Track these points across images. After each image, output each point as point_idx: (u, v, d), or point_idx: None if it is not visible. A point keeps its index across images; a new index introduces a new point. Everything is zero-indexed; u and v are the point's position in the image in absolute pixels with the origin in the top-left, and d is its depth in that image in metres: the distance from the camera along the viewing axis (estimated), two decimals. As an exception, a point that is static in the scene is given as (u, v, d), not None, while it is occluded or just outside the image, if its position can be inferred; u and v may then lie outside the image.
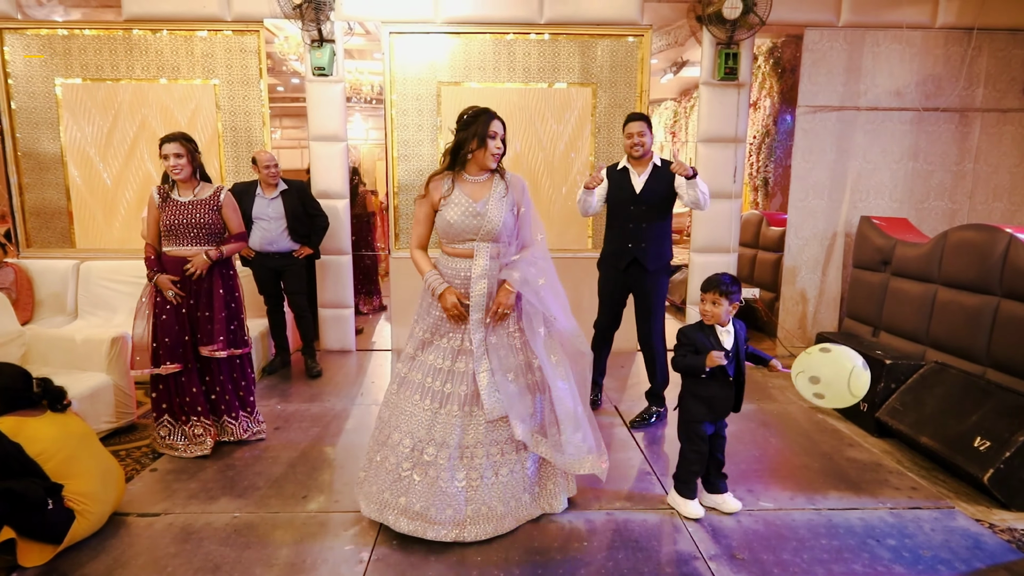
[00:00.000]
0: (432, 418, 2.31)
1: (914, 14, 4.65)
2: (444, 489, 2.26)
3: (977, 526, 2.49)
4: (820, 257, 4.98)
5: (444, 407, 2.32)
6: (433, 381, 2.35)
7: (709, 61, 4.62)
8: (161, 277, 2.94)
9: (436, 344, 2.39)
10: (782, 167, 6.97)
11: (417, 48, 4.59)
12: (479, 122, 2.30)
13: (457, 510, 2.27)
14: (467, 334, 2.35)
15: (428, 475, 2.27)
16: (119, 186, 4.68)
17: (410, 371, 2.41)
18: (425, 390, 2.35)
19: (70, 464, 2.21)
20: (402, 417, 2.35)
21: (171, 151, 2.88)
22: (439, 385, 2.34)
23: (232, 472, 2.88)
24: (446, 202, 2.35)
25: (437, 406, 2.32)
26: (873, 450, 3.23)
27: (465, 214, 2.32)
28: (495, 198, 2.35)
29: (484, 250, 2.34)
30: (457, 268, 2.36)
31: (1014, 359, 3.25)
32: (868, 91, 4.78)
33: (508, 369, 2.36)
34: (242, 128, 4.65)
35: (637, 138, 3.30)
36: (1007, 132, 4.88)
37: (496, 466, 2.36)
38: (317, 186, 4.61)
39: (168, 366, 2.93)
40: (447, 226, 2.35)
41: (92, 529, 2.28)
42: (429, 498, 2.25)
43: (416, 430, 2.30)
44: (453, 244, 2.38)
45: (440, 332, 2.39)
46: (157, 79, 4.56)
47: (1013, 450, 2.64)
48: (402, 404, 2.37)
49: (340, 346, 4.90)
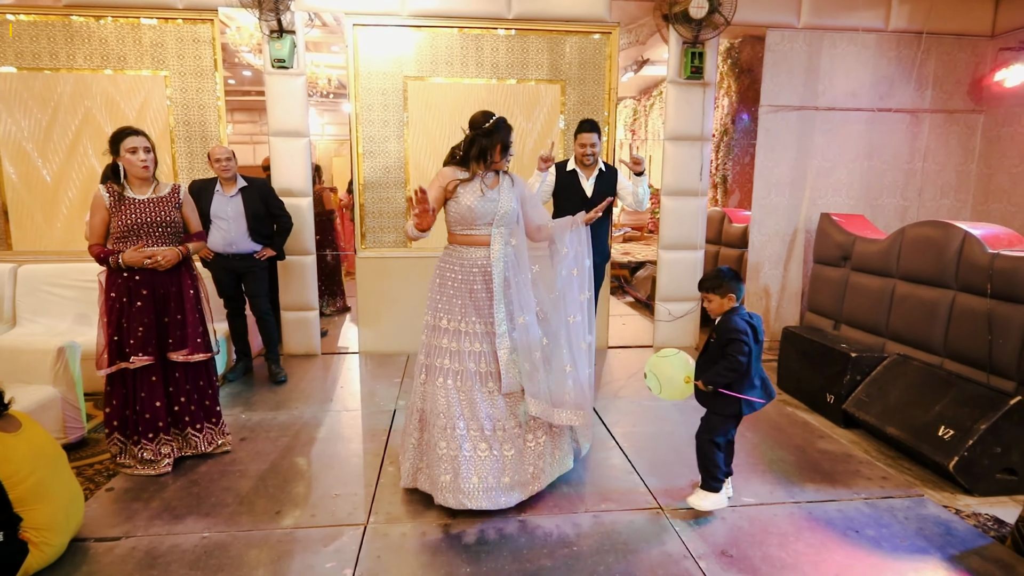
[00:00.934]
0: (468, 398, 2.51)
1: (868, 17, 4.81)
2: (483, 459, 2.47)
3: (946, 513, 2.58)
4: (782, 253, 5.11)
5: (469, 385, 2.52)
6: (462, 364, 2.52)
7: (676, 60, 4.66)
8: (127, 253, 2.70)
9: (458, 330, 2.55)
10: (739, 165, 7.14)
11: (382, 41, 4.45)
12: (504, 131, 2.55)
13: (497, 478, 2.49)
14: (485, 317, 2.55)
15: (478, 449, 2.48)
16: (60, 183, 4.36)
17: (436, 359, 2.57)
18: (456, 373, 2.52)
19: (39, 489, 2.02)
20: (439, 403, 2.51)
21: (140, 144, 2.70)
22: (471, 366, 2.53)
23: (197, 488, 2.71)
24: (464, 188, 2.55)
25: (474, 384, 2.52)
26: (842, 441, 3.32)
27: (482, 199, 2.54)
28: (505, 188, 2.61)
29: (499, 236, 2.56)
30: (474, 257, 2.57)
31: (969, 350, 3.41)
32: (826, 91, 4.92)
33: (528, 348, 2.55)
34: (196, 122, 4.40)
35: (590, 148, 3.56)
36: (953, 132, 5.11)
37: (520, 437, 2.58)
38: (278, 183, 4.41)
39: (140, 358, 2.73)
40: (466, 211, 2.53)
41: (48, 562, 2.09)
42: (472, 469, 2.45)
43: (451, 411, 2.48)
44: (468, 231, 2.57)
45: (465, 317, 2.55)
46: (101, 69, 4.26)
47: (975, 438, 2.76)
48: (436, 392, 2.52)
49: (305, 350, 4.72)
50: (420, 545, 2.31)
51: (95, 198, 2.75)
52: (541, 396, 2.54)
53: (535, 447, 2.61)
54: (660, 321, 5.01)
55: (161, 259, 2.74)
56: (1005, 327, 3.19)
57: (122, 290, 2.75)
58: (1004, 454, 2.77)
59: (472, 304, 2.55)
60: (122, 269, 2.73)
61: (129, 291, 2.75)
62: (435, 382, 2.53)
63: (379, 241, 4.71)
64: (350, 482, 2.78)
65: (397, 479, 2.80)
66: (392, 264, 4.68)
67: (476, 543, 2.32)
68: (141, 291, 2.75)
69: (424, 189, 2.40)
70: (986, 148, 5.11)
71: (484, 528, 2.42)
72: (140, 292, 2.75)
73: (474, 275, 2.55)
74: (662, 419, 3.55)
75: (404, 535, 2.37)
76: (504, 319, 2.55)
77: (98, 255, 2.75)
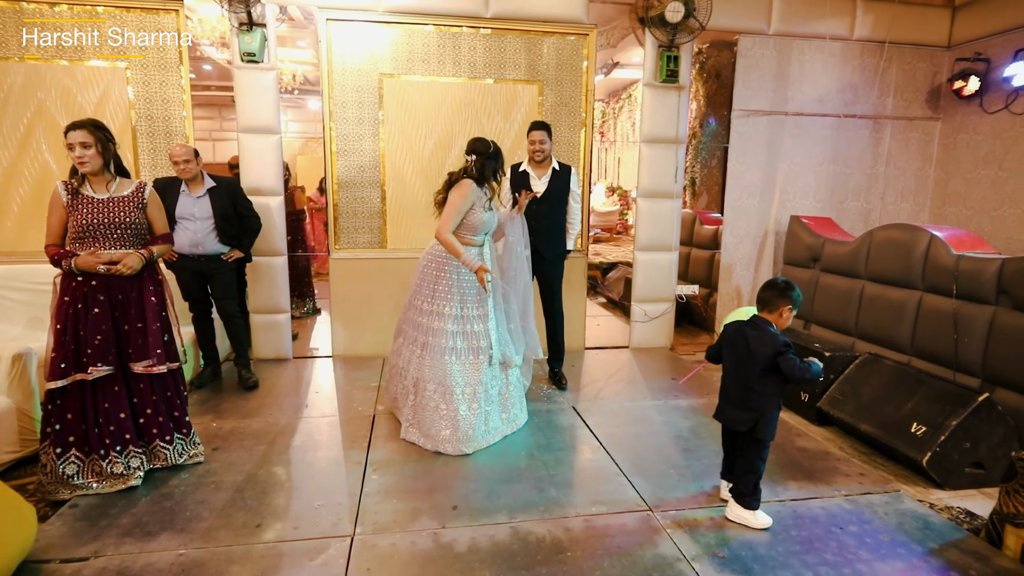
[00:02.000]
0: (461, 368, 3.16)
1: (835, 26, 4.96)
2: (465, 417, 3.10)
3: (922, 507, 2.67)
4: (753, 254, 5.22)
5: (464, 357, 3.17)
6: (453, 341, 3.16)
7: (651, 63, 4.70)
8: (81, 257, 2.54)
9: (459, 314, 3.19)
10: (707, 168, 7.27)
11: (357, 37, 4.34)
12: (501, 156, 3.28)
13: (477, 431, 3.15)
14: (471, 301, 3.20)
15: (471, 408, 3.13)
16: (11, 180, 4.09)
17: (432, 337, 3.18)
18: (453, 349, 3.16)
19: None
20: (436, 372, 3.14)
21: (77, 140, 2.52)
22: (461, 343, 3.17)
23: (170, 503, 2.58)
24: (479, 203, 3.18)
25: (471, 358, 3.19)
26: (818, 439, 3.40)
27: (490, 213, 3.24)
28: (494, 202, 3.30)
29: (488, 240, 3.30)
30: (473, 253, 3.21)
31: (936, 348, 3.54)
32: (795, 97, 5.05)
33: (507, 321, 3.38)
34: (159, 117, 4.20)
35: (538, 145, 3.81)
36: (913, 139, 5.32)
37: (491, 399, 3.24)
38: (248, 182, 4.25)
39: (99, 368, 2.56)
40: (479, 222, 3.18)
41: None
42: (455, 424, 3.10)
43: (443, 378, 3.11)
44: (472, 236, 3.20)
45: (464, 301, 3.19)
46: (56, 60, 4.03)
47: (947, 434, 2.86)
48: (435, 363, 3.15)
49: (275, 354, 4.57)
50: (411, 555, 2.24)
51: (53, 195, 2.58)
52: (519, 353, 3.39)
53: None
54: (636, 322, 5.04)
55: (123, 268, 2.58)
56: (970, 326, 3.32)
57: (78, 295, 2.58)
58: (973, 449, 2.88)
59: (466, 292, 3.19)
60: (75, 273, 2.56)
61: (85, 296, 2.58)
62: (435, 356, 3.14)
63: (353, 242, 4.59)
64: (333, 491, 2.69)
65: (383, 487, 2.73)
66: (367, 265, 4.58)
67: (468, 551, 2.27)
68: (98, 296, 2.58)
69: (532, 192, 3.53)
70: (943, 154, 5.34)
71: (475, 536, 2.37)
72: (96, 298, 2.58)
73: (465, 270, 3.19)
74: (643, 420, 3.56)
75: (394, 545, 2.30)
76: (493, 305, 3.27)
77: (53, 256, 2.58)
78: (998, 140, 4.86)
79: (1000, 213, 4.88)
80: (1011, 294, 3.13)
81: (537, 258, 3.81)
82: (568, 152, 4.77)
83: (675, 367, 4.60)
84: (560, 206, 3.93)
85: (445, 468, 2.93)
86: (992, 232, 4.89)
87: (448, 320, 3.14)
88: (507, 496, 2.67)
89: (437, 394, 3.11)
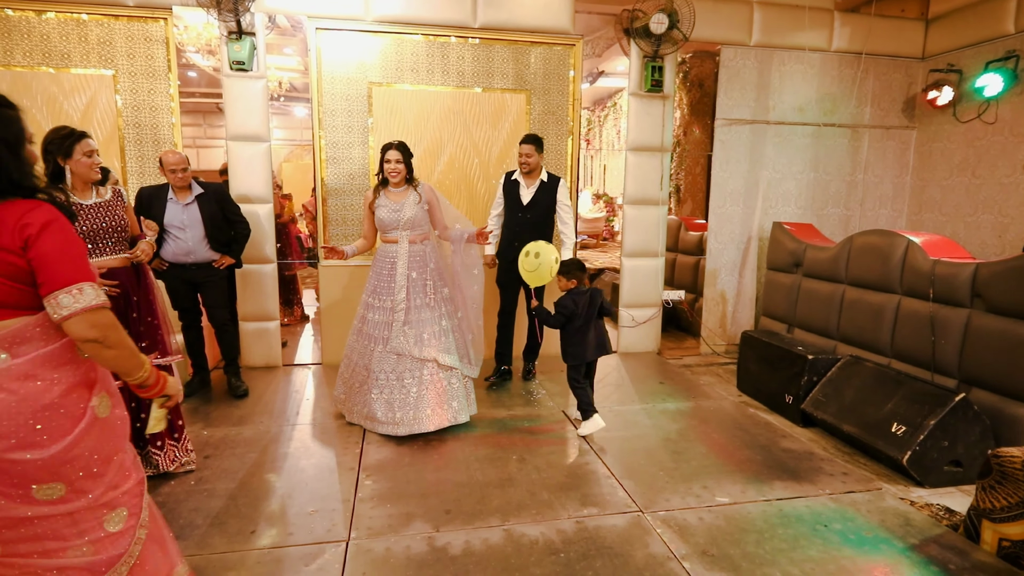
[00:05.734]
0: (379, 354, 3.40)
1: (813, 38, 5.10)
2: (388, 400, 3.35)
3: (903, 505, 2.75)
4: (737, 260, 5.32)
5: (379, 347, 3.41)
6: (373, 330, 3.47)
7: (637, 73, 4.79)
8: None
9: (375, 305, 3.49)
10: (691, 175, 7.39)
11: (346, 46, 4.38)
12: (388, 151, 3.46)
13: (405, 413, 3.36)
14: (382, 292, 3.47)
15: (384, 393, 3.36)
16: (-6, 188, 4.06)
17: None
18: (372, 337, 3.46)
19: None
20: (360, 355, 3.48)
21: (94, 147, 2.59)
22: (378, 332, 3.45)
23: (163, 510, 2.52)
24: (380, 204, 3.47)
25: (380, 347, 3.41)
26: (802, 439, 3.48)
27: (389, 211, 3.44)
28: (410, 202, 3.45)
29: (404, 236, 3.46)
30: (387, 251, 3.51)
31: (914, 350, 3.64)
32: (776, 106, 5.17)
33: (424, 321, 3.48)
34: (147, 125, 4.20)
35: (525, 157, 3.98)
36: (890, 147, 5.47)
37: (414, 385, 3.38)
38: (237, 189, 4.26)
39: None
40: (381, 221, 3.47)
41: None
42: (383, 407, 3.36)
43: (369, 363, 3.41)
44: (386, 233, 3.49)
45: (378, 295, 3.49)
46: (41, 67, 4.01)
47: (926, 433, 2.95)
48: (359, 347, 3.49)
49: (265, 362, 4.56)
50: (406, 560, 2.27)
51: None
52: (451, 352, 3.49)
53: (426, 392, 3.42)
54: (624, 327, 5.11)
55: (142, 255, 2.73)
56: (946, 329, 3.43)
57: None
58: (951, 447, 2.97)
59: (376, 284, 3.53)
60: None
61: None
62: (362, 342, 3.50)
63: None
64: (327, 497, 2.71)
65: (376, 492, 2.75)
66: (356, 273, 4.59)
67: (463, 555, 2.30)
68: None
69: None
70: (919, 162, 5.49)
71: (469, 539, 2.40)
72: None
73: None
74: (632, 423, 3.62)
75: (388, 550, 2.32)
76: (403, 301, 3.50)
77: None
78: (971, 148, 5.02)
79: (974, 219, 5.03)
80: (985, 297, 3.24)
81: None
82: (555, 160, 4.84)
83: (663, 371, 4.67)
84: (546, 215, 4.10)
85: (438, 473, 2.96)
86: (967, 237, 5.04)
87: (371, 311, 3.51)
88: (500, 499, 2.70)
89: (359, 379, 3.47)
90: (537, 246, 3.40)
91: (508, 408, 3.82)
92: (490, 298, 4.35)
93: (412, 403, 3.34)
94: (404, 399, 3.34)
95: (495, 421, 3.62)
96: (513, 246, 4.00)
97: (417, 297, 3.43)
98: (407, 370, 3.37)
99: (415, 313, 3.42)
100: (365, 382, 3.42)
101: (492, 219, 4.20)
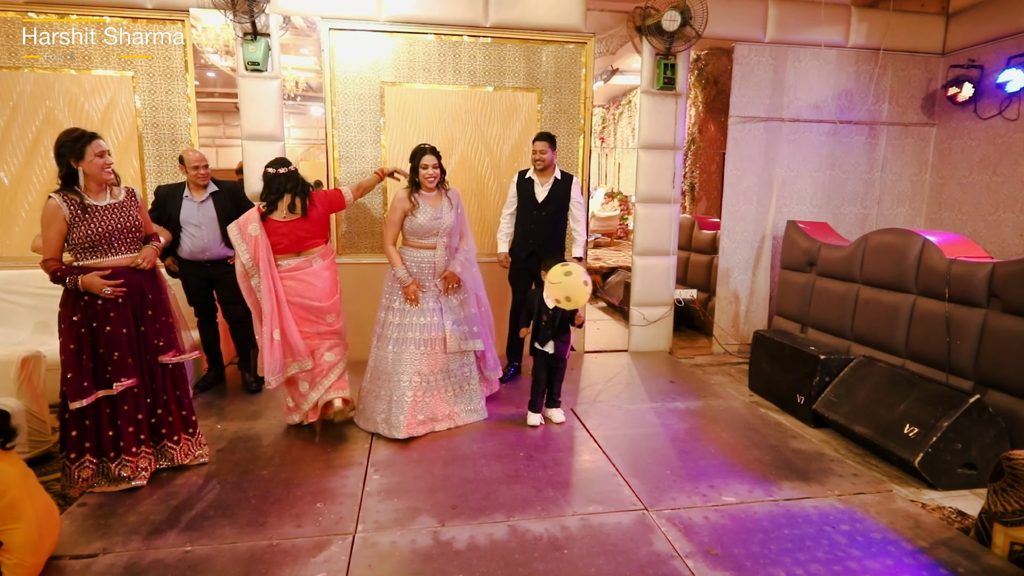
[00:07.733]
0: (409, 356, 3.44)
1: (830, 33, 5.03)
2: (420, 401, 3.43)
3: (914, 507, 2.71)
4: (751, 259, 5.27)
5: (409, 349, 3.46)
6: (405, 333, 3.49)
7: (649, 71, 4.77)
8: (87, 277, 2.55)
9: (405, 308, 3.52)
10: (706, 173, 7.34)
11: (359, 46, 4.43)
12: (418, 156, 3.45)
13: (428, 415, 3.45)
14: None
15: (415, 394, 3.40)
16: (19, 186, 4.18)
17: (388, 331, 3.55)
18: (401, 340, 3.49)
19: (12, 510, 1.93)
20: (385, 362, 3.49)
21: (105, 148, 2.60)
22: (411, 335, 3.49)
23: (175, 501, 2.64)
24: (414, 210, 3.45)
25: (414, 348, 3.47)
26: (813, 440, 3.45)
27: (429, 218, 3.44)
28: (446, 208, 3.48)
29: (443, 244, 3.50)
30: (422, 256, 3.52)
31: (929, 351, 3.58)
32: (791, 103, 5.11)
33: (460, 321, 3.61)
34: (165, 125, 4.28)
35: (539, 154, 3.99)
36: (908, 144, 5.38)
37: (448, 385, 3.53)
38: (252, 188, 4.32)
39: (123, 383, 2.64)
40: (419, 227, 3.44)
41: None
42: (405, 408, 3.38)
43: (393, 367, 3.44)
44: (422, 239, 3.49)
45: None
46: (64, 69, 4.11)
47: (939, 435, 2.91)
48: (384, 354, 3.50)
49: (278, 357, 4.62)
50: (411, 553, 2.30)
51: (50, 209, 2.53)
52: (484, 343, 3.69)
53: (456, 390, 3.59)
54: (635, 326, 5.10)
55: (143, 262, 2.69)
56: (962, 329, 3.37)
57: (88, 314, 2.60)
58: (964, 450, 2.93)
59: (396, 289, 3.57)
60: (81, 293, 2.58)
61: (97, 314, 2.60)
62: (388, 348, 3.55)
63: (356, 247, 4.67)
64: (335, 491, 2.75)
65: (383, 487, 2.79)
66: (369, 271, 4.64)
67: (467, 549, 2.32)
68: (109, 313, 2.61)
69: None
70: (938, 160, 5.39)
71: (474, 534, 2.42)
72: (108, 314, 2.61)
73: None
74: (641, 423, 3.62)
75: (394, 543, 2.36)
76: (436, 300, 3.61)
77: (54, 272, 2.57)
78: (992, 145, 4.92)
79: (995, 217, 4.93)
80: (1002, 297, 3.18)
81: (536, 261, 3.96)
82: (567, 158, 4.84)
83: (674, 370, 4.65)
84: (560, 212, 4.11)
85: (445, 469, 2.98)
86: (987, 236, 4.94)
87: (391, 313, 3.53)
88: (505, 495, 2.72)
89: (377, 381, 3.52)
90: (573, 271, 3.27)
91: (518, 405, 3.84)
92: (502, 296, 4.39)
93: (467, 395, 3.60)
94: (458, 394, 3.58)
95: (505, 418, 3.64)
96: (527, 242, 4.07)
97: (454, 297, 3.57)
98: (457, 366, 3.57)
99: (461, 311, 3.60)
100: (427, 384, 3.46)
101: (505, 218, 4.21)
